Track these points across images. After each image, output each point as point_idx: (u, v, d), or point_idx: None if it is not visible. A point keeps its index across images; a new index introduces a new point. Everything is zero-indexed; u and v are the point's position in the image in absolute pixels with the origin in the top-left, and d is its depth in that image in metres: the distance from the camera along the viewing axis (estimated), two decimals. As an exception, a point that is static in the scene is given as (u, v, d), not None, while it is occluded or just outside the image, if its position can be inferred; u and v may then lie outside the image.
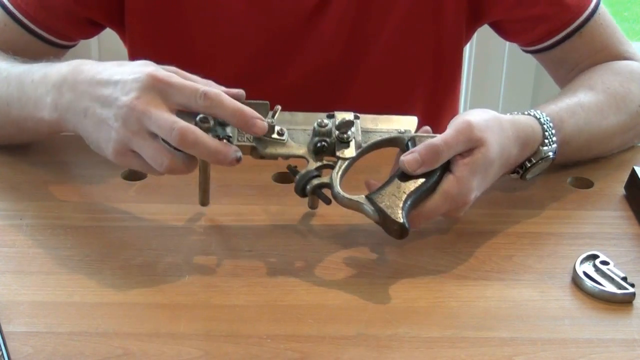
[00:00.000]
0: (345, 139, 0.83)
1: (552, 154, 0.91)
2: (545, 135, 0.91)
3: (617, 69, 1.06)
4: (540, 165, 0.92)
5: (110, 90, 0.81)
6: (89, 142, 0.84)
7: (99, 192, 0.93)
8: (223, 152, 0.78)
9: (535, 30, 1.10)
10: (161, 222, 0.88)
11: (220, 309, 0.76)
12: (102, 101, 0.81)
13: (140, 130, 0.78)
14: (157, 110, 0.78)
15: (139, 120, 0.78)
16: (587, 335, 0.74)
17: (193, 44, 1.08)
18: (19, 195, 0.92)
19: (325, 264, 0.82)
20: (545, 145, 0.91)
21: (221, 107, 0.79)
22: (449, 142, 0.81)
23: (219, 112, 0.79)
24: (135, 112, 0.78)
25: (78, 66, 0.86)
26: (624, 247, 0.86)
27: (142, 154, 0.79)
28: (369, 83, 1.11)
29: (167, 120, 0.77)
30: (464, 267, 0.82)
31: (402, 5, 1.08)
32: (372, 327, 0.74)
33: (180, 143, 0.77)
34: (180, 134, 0.76)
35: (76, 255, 0.82)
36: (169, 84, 0.79)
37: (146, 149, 0.79)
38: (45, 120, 0.88)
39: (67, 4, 1.04)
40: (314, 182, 0.81)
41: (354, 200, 0.80)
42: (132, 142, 0.79)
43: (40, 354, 0.69)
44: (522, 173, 0.92)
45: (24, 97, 0.90)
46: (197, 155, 0.79)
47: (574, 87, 1.03)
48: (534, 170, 0.92)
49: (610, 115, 1.00)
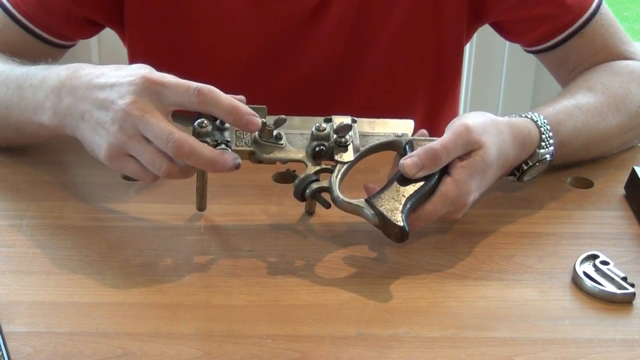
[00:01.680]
0: (343, 142, 0.83)
1: (549, 156, 0.91)
2: (542, 138, 0.91)
3: (617, 69, 1.06)
4: (538, 167, 0.92)
5: (107, 93, 0.81)
6: (86, 145, 0.84)
7: (99, 192, 0.93)
8: (220, 161, 0.78)
9: (537, 31, 1.09)
10: (161, 222, 0.88)
11: (220, 309, 0.76)
12: (98, 104, 0.81)
13: (137, 135, 0.79)
14: (154, 117, 0.78)
15: (135, 126, 0.78)
16: (587, 335, 0.74)
17: (193, 44, 1.08)
18: (19, 195, 0.92)
19: (325, 264, 0.82)
20: (542, 147, 0.91)
21: (215, 103, 0.79)
22: (447, 146, 0.82)
23: (213, 109, 0.79)
24: (131, 117, 0.78)
25: (76, 70, 0.86)
26: (624, 247, 0.86)
27: (140, 158, 0.79)
28: (370, 84, 1.11)
29: (163, 130, 0.77)
30: (464, 267, 0.82)
31: (402, 6, 1.07)
32: (372, 327, 0.74)
33: (176, 154, 0.77)
34: (176, 146, 0.77)
35: (76, 255, 0.82)
36: (163, 84, 0.79)
37: (144, 153, 0.79)
38: (45, 125, 0.88)
39: (66, 4, 1.04)
40: (313, 187, 0.81)
41: (354, 204, 0.80)
42: (129, 145, 0.79)
43: (40, 354, 0.69)
44: (519, 175, 0.92)
45: (23, 101, 0.90)
46: (194, 165, 0.79)
47: (573, 88, 1.03)
48: (531, 173, 0.92)
49: (609, 117, 1.00)
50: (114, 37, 1.14)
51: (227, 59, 1.08)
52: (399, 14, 1.08)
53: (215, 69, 0.96)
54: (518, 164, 0.91)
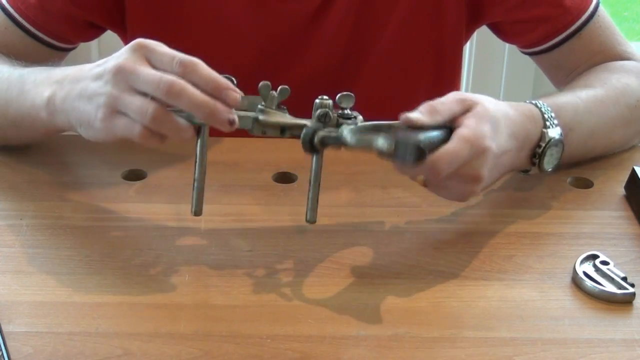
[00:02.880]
0: (346, 115, 0.81)
1: (559, 135, 0.90)
2: (546, 118, 0.90)
3: (613, 67, 1.06)
4: (553, 150, 0.90)
5: (102, 67, 0.82)
6: (80, 122, 0.84)
7: (99, 192, 0.93)
8: (212, 107, 0.77)
9: (534, 32, 1.09)
10: (161, 222, 0.88)
11: (220, 309, 0.76)
12: (94, 77, 0.83)
13: (129, 89, 0.79)
14: (144, 67, 0.79)
15: (127, 80, 0.79)
16: (587, 335, 0.74)
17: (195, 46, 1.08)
18: (19, 195, 0.92)
19: (325, 264, 0.82)
20: (549, 127, 0.90)
21: (195, 74, 0.79)
22: (441, 100, 0.82)
23: (193, 79, 0.79)
24: (123, 71, 0.79)
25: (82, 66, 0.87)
26: (624, 247, 0.86)
27: (129, 110, 0.79)
28: (371, 84, 1.12)
29: (154, 75, 0.78)
30: (464, 267, 0.82)
31: (402, 6, 1.08)
32: (372, 327, 0.74)
33: (168, 94, 0.77)
34: (168, 84, 0.77)
35: (76, 255, 0.82)
36: (153, 50, 0.81)
37: (132, 104, 0.79)
38: (41, 116, 0.89)
39: (67, 7, 1.04)
40: (320, 134, 0.79)
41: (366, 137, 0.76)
42: (120, 100, 0.80)
43: (40, 354, 0.69)
44: (538, 162, 0.91)
45: (22, 94, 0.91)
46: (185, 108, 0.78)
47: (571, 87, 1.03)
48: (549, 159, 0.91)
49: (610, 107, 0.99)
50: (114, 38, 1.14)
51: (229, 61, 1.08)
52: (399, 13, 1.08)
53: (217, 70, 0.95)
54: (531, 149, 0.90)
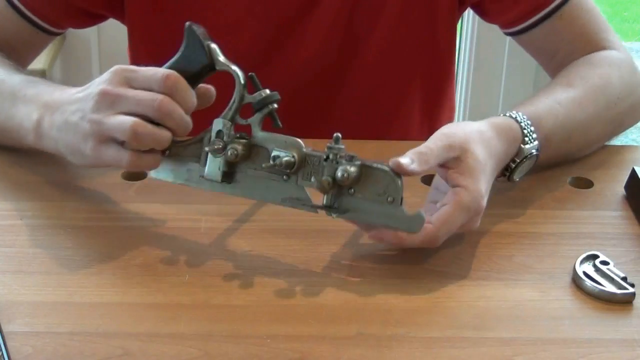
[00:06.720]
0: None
1: (535, 150, 0.91)
2: (525, 134, 0.90)
3: (595, 61, 1.06)
4: (526, 164, 0.91)
5: (86, 92, 0.84)
6: (71, 151, 0.86)
7: (99, 192, 0.93)
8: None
9: (514, 10, 1.09)
10: (161, 222, 0.88)
11: (220, 309, 0.76)
12: (77, 102, 0.84)
13: (112, 113, 0.81)
14: (128, 92, 0.81)
15: (112, 104, 0.81)
16: (587, 335, 0.74)
17: None
18: (19, 195, 0.92)
19: (325, 264, 0.82)
20: (527, 143, 0.90)
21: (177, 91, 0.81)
22: (428, 145, 0.80)
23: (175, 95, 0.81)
24: (107, 95, 0.81)
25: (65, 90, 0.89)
26: (624, 247, 0.86)
27: (113, 132, 0.80)
28: (366, 73, 1.12)
29: (146, 95, 0.80)
30: (464, 267, 0.82)
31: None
32: (372, 327, 0.74)
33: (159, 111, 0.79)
34: (160, 101, 0.79)
35: (76, 255, 0.82)
36: (135, 71, 0.82)
37: (116, 124, 0.80)
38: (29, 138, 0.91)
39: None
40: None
41: None
42: (103, 126, 0.81)
43: (40, 354, 0.69)
44: (508, 175, 0.91)
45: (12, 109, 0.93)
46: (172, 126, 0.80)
47: (552, 85, 1.02)
48: (520, 170, 0.91)
49: (589, 107, 0.99)
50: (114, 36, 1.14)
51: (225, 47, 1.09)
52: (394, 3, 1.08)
53: None
54: (506, 163, 0.90)
